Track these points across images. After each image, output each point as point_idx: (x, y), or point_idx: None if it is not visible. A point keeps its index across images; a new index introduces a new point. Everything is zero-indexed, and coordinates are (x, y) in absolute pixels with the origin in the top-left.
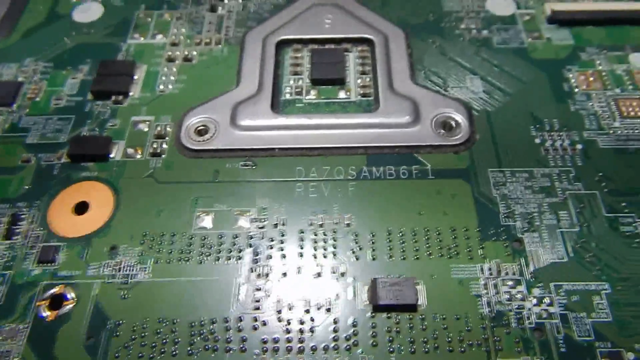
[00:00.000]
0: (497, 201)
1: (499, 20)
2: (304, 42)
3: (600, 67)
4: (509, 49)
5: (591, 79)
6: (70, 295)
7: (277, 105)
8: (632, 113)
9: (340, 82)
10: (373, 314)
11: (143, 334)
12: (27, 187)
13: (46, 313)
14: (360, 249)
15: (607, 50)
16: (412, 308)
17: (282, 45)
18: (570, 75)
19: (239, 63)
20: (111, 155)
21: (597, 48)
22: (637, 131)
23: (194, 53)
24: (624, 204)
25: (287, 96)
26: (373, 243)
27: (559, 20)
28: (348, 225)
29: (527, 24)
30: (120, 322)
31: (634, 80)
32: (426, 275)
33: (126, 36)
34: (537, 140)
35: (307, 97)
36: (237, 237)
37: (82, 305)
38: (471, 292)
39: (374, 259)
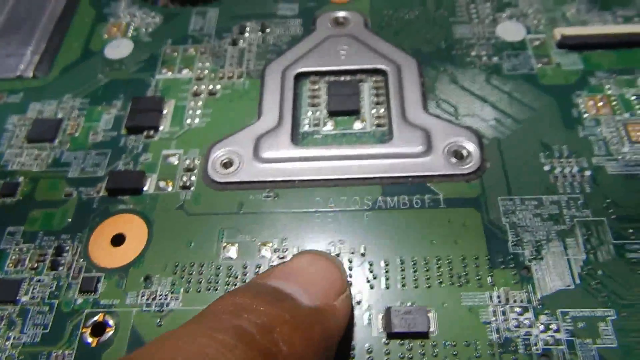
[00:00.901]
0: (507, 229)
1: (509, 46)
2: (321, 73)
3: (609, 92)
4: (518, 75)
5: (600, 104)
6: (111, 322)
7: (297, 137)
8: None
9: (356, 113)
10: (387, 341)
11: None
12: (69, 219)
13: (90, 339)
14: (375, 277)
15: (617, 74)
16: (424, 335)
17: (300, 77)
18: (580, 101)
19: (259, 96)
20: (145, 189)
21: (606, 72)
22: None
23: (218, 87)
24: (631, 231)
25: (306, 128)
26: (387, 272)
27: (569, 45)
28: (363, 255)
29: (537, 49)
30: None
31: None
32: (437, 303)
33: (154, 71)
34: (547, 168)
35: (325, 129)
36: (260, 267)
37: (121, 331)
38: (480, 319)
39: (387, 288)
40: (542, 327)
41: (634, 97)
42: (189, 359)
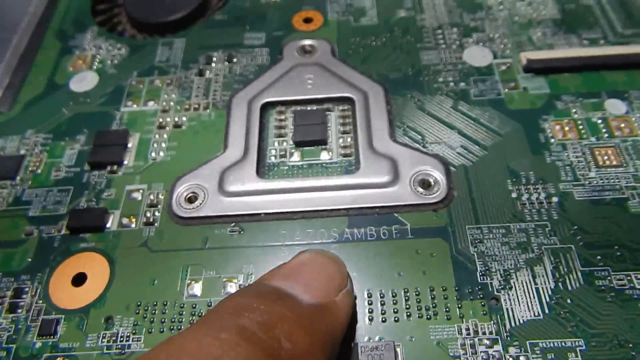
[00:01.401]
0: (475, 259)
1: (477, 71)
2: (288, 103)
3: (576, 116)
4: (486, 100)
5: (567, 128)
6: None
7: (262, 169)
8: (608, 162)
9: (323, 143)
10: None
11: None
12: (29, 259)
13: None
14: None
15: (583, 97)
16: None
17: (266, 107)
18: (546, 125)
19: (225, 127)
20: (107, 226)
21: (573, 95)
22: (612, 181)
23: (184, 119)
24: (599, 257)
25: (272, 159)
26: (354, 306)
27: (535, 69)
28: None
29: (504, 74)
30: None
31: (609, 128)
32: (405, 337)
33: (120, 104)
34: (514, 195)
35: (291, 160)
36: None
37: None
38: (449, 352)
39: (355, 323)
40: None
41: (600, 121)
42: (194, 358)
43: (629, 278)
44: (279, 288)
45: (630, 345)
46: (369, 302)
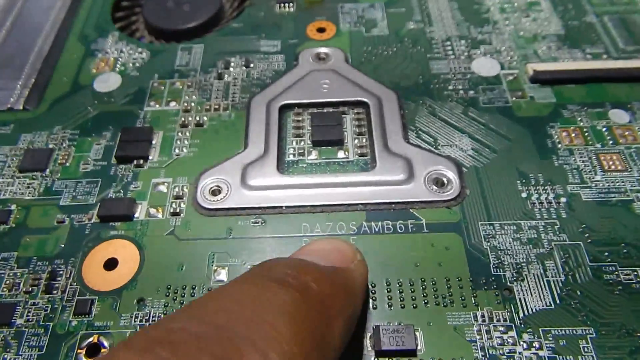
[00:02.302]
0: (488, 252)
1: (485, 81)
2: (304, 106)
3: (581, 124)
4: (494, 107)
5: (573, 135)
6: (106, 343)
7: (282, 166)
8: (613, 167)
9: (339, 143)
10: (376, 359)
11: None
12: (62, 245)
13: None
14: None
15: (588, 107)
16: (412, 353)
17: (284, 109)
18: (553, 132)
19: (245, 127)
20: (136, 215)
21: (578, 105)
22: (617, 184)
23: (205, 118)
24: (606, 254)
25: (291, 157)
26: (373, 293)
27: (541, 79)
28: None
29: (511, 83)
30: None
31: (613, 136)
32: (424, 322)
33: (143, 103)
34: (524, 195)
35: (309, 158)
36: None
37: None
38: (466, 337)
39: (375, 308)
40: (525, 345)
41: (605, 129)
42: (235, 297)
43: (635, 273)
44: (301, 259)
45: (638, 334)
46: (388, 289)
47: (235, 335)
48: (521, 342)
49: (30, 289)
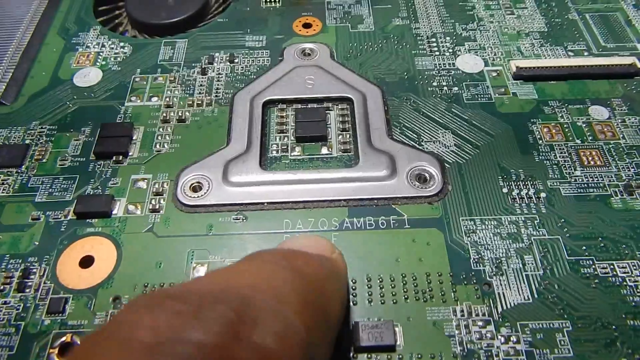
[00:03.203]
0: (468, 248)
1: (469, 77)
2: (288, 101)
3: (562, 120)
4: (477, 104)
5: (554, 131)
6: (79, 342)
7: (265, 162)
8: (592, 162)
9: (323, 139)
10: (355, 355)
11: None
12: (36, 243)
13: None
14: None
15: (569, 103)
16: (391, 348)
17: (268, 105)
18: (535, 128)
19: (228, 123)
20: (114, 212)
21: (559, 102)
22: (596, 179)
23: (187, 114)
24: (584, 248)
25: (274, 153)
26: (354, 289)
27: (524, 76)
28: None
29: (494, 80)
30: None
31: (593, 132)
32: (403, 317)
33: (124, 99)
34: (505, 190)
35: (293, 154)
36: None
37: None
38: (445, 332)
39: (355, 304)
40: (502, 339)
41: (585, 125)
42: (244, 272)
43: (611, 267)
44: (288, 248)
45: (613, 327)
46: (369, 285)
47: (241, 292)
48: (499, 337)
49: (2, 287)
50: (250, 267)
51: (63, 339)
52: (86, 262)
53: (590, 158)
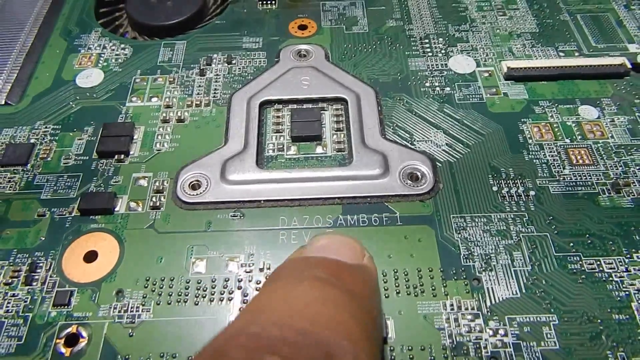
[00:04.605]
0: (459, 244)
1: (461, 78)
2: (284, 102)
3: (552, 119)
4: (469, 104)
5: (544, 130)
6: (84, 333)
7: (261, 161)
8: (581, 161)
9: (318, 139)
10: None
11: None
12: (42, 238)
13: (63, 350)
14: None
15: (559, 103)
16: (383, 341)
17: (264, 105)
18: (525, 128)
19: (226, 123)
20: (116, 209)
21: (549, 102)
22: (584, 177)
23: (186, 114)
24: (571, 244)
25: (270, 152)
26: None
27: (515, 77)
28: None
29: (486, 80)
30: (128, 357)
31: (582, 131)
32: (395, 311)
33: (125, 99)
34: (495, 188)
35: (288, 153)
36: (227, 280)
37: (94, 342)
38: (435, 325)
39: None
40: (491, 332)
41: (574, 125)
42: (298, 299)
43: (598, 263)
44: (324, 257)
45: (599, 320)
46: None
47: (322, 338)
48: (487, 330)
49: (10, 280)
50: (304, 292)
51: (69, 329)
52: (90, 256)
53: (579, 157)
